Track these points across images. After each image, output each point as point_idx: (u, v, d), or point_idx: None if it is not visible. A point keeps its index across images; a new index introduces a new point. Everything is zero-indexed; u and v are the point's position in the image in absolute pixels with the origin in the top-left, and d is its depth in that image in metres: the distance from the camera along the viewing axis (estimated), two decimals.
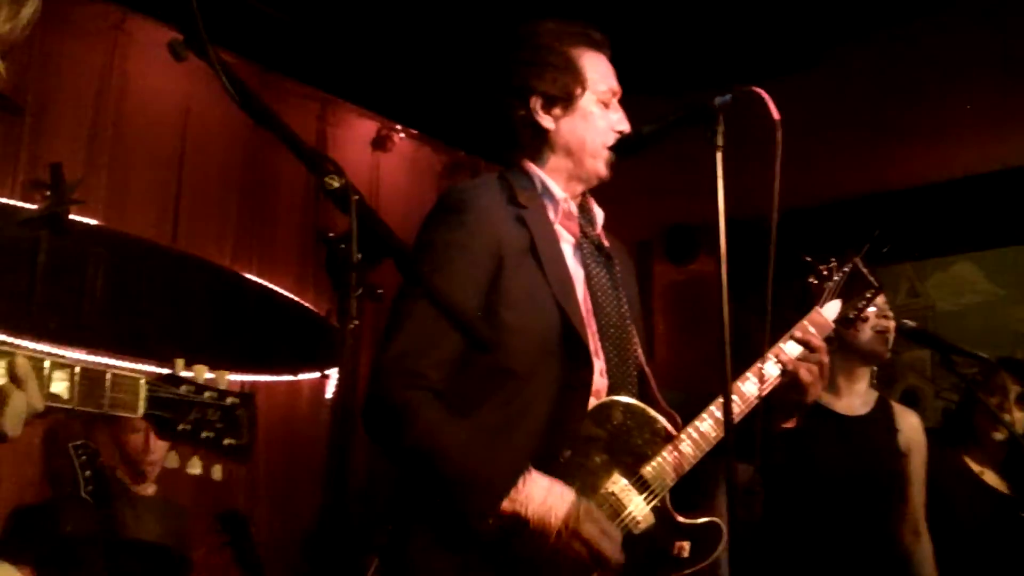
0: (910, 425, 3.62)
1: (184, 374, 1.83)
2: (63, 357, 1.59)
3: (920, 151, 6.25)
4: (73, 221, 4.53)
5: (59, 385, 1.55)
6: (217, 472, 1.81)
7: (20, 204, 4.50)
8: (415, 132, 6.50)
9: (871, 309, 2.85)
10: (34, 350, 1.59)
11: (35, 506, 3.93)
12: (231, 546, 4.18)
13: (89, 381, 1.59)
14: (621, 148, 2.48)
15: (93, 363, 1.63)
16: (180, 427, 1.76)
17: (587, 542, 2.13)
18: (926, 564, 3.57)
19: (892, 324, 3.54)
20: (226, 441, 1.81)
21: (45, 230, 4.44)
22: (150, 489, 4.10)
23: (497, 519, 2.12)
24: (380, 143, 6.35)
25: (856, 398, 3.60)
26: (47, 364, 1.55)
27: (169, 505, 4.14)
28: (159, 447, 3.96)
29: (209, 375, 1.86)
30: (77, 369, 1.58)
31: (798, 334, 2.49)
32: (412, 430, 2.15)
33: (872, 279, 2.66)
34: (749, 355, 2.39)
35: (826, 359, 2.44)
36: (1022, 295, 6.55)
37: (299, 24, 5.28)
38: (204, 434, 1.78)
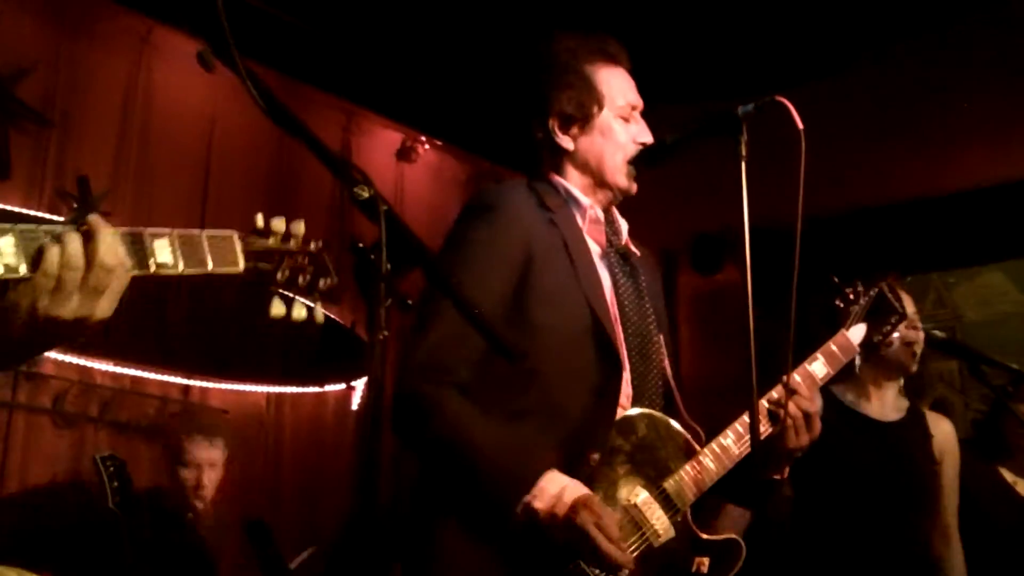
0: (943, 432, 3.58)
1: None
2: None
3: (947, 159, 6.19)
4: None
5: (163, 253, 1.55)
6: (320, 314, 1.79)
7: (48, 216, 4.53)
8: (440, 142, 6.51)
9: (895, 334, 2.85)
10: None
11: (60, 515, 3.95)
12: (256, 554, 4.19)
13: (188, 245, 1.58)
14: (644, 159, 2.47)
15: (186, 229, 1.61)
16: (279, 275, 1.75)
17: (579, 529, 2.04)
18: (957, 572, 3.52)
19: (921, 336, 3.51)
20: (322, 283, 1.80)
21: None
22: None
23: (524, 511, 2.10)
24: (405, 154, 6.37)
25: (887, 405, 3.57)
26: (147, 234, 1.54)
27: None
28: (211, 488, 3.98)
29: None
30: (175, 235, 1.57)
31: (820, 358, 2.53)
32: (436, 421, 2.16)
33: (898, 305, 2.66)
34: (775, 367, 2.37)
35: (811, 407, 2.37)
36: None
37: (324, 34, 5.30)
38: (301, 279, 1.77)
